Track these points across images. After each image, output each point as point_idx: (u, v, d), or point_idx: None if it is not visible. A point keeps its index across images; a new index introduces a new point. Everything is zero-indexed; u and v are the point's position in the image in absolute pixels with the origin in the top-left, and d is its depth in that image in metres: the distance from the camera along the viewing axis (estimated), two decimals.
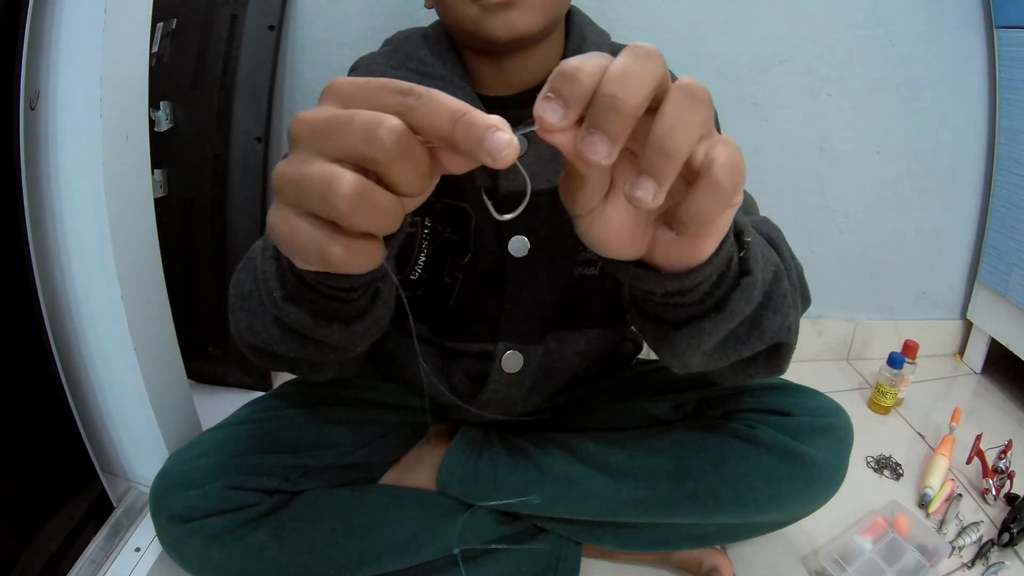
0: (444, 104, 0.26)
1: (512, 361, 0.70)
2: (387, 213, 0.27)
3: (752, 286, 0.41)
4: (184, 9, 0.99)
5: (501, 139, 0.26)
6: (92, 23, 0.60)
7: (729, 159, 0.30)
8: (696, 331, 0.42)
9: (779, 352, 0.50)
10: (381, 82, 0.28)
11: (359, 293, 0.42)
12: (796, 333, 0.51)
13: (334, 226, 0.27)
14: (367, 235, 0.28)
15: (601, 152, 0.27)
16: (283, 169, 0.28)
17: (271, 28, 0.99)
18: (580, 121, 0.28)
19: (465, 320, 0.70)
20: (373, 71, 0.66)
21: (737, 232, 0.40)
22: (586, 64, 0.27)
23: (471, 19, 0.58)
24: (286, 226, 0.28)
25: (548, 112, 0.28)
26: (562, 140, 0.29)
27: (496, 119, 0.26)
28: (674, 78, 0.30)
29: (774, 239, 0.49)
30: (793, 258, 0.53)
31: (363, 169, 0.27)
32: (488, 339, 0.69)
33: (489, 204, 0.31)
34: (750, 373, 0.52)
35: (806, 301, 0.53)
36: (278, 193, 0.28)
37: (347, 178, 0.26)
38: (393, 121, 0.26)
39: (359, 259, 0.28)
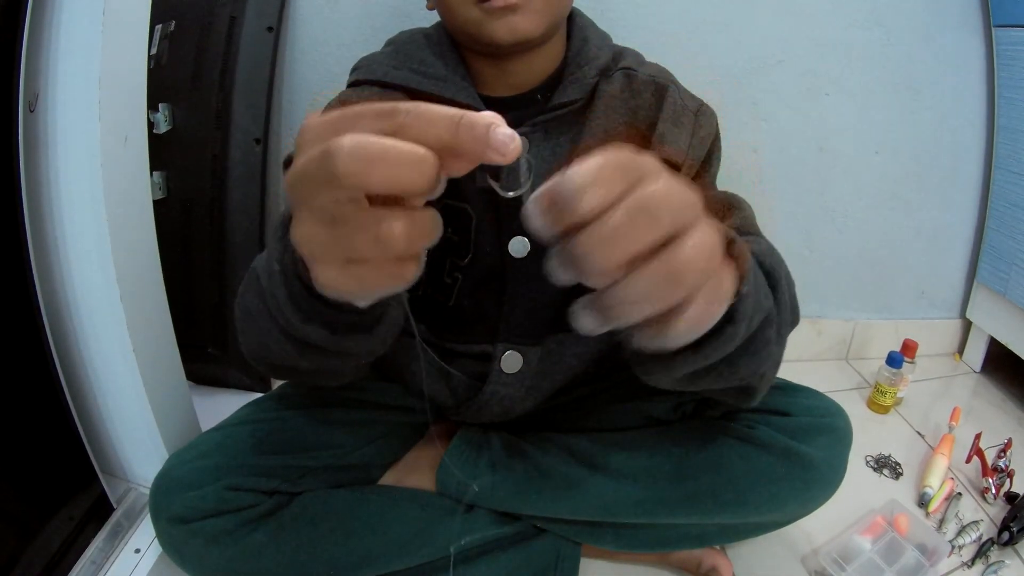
0: (437, 113, 0.26)
1: (511, 362, 0.70)
2: (433, 230, 0.28)
3: (734, 336, 0.41)
4: (183, 11, 0.99)
5: (504, 133, 0.26)
6: (91, 25, 0.60)
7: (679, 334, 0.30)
8: (667, 362, 0.42)
9: (748, 392, 0.52)
10: (357, 112, 0.27)
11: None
12: (772, 376, 0.51)
13: (385, 261, 0.28)
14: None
15: (564, 276, 0.28)
16: (315, 232, 0.28)
17: (269, 29, 0.99)
18: None
19: (464, 321, 0.70)
20: (375, 71, 0.66)
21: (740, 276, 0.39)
22: (589, 196, 0.27)
23: (474, 22, 0.58)
24: (341, 279, 0.29)
25: (535, 220, 0.28)
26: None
27: (491, 115, 0.27)
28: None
29: (773, 269, 0.48)
30: (789, 283, 0.51)
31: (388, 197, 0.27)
32: (487, 340, 0.70)
33: (495, 185, 0.31)
34: (719, 398, 0.53)
35: (795, 322, 0.53)
36: (321, 252, 0.29)
37: (396, 224, 0.26)
38: (417, 152, 0.26)
39: (409, 277, 0.29)
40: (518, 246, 0.65)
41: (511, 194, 0.31)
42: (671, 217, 0.28)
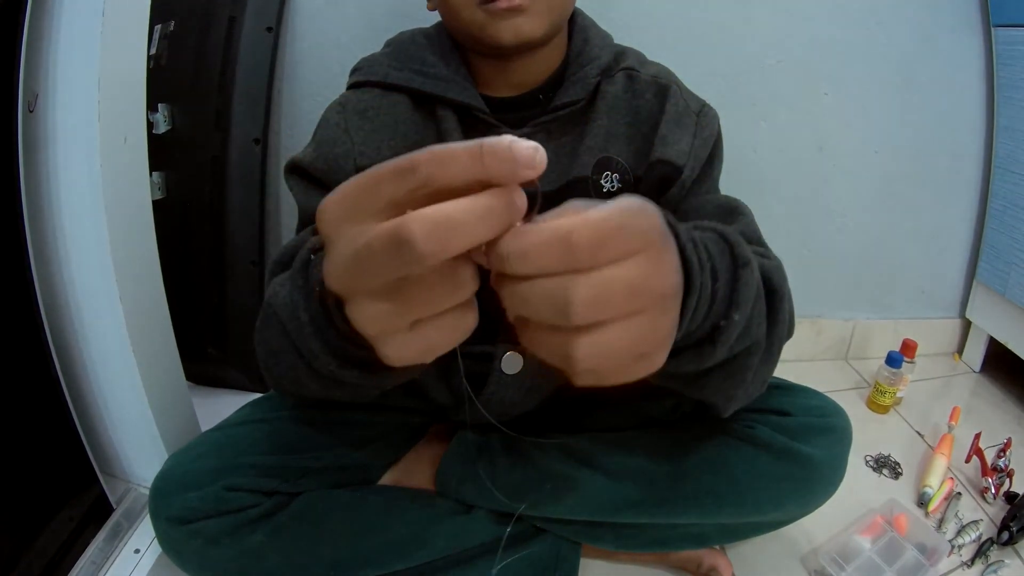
0: (457, 152, 0.25)
1: (512, 363, 0.70)
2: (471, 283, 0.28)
3: (711, 355, 0.40)
4: (182, 11, 0.99)
5: (527, 147, 0.25)
6: (90, 25, 0.60)
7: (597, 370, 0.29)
8: None
9: (714, 406, 0.52)
10: (375, 177, 0.27)
11: None
12: (744, 399, 0.51)
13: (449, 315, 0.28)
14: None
15: None
16: (379, 308, 0.28)
17: (269, 30, 0.99)
18: None
19: None
20: (375, 72, 0.66)
21: (730, 302, 0.39)
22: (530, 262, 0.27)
23: (477, 24, 0.58)
24: (408, 346, 0.29)
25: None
26: None
27: (507, 135, 0.26)
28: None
29: (779, 287, 0.47)
30: (790, 299, 0.50)
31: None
32: (488, 341, 0.70)
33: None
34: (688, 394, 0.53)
35: (790, 334, 0.52)
36: (389, 323, 0.28)
37: (469, 269, 0.27)
38: (486, 205, 0.25)
39: (471, 324, 0.30)
40: None
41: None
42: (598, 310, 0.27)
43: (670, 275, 0.29)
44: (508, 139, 0.25)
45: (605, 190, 0.64)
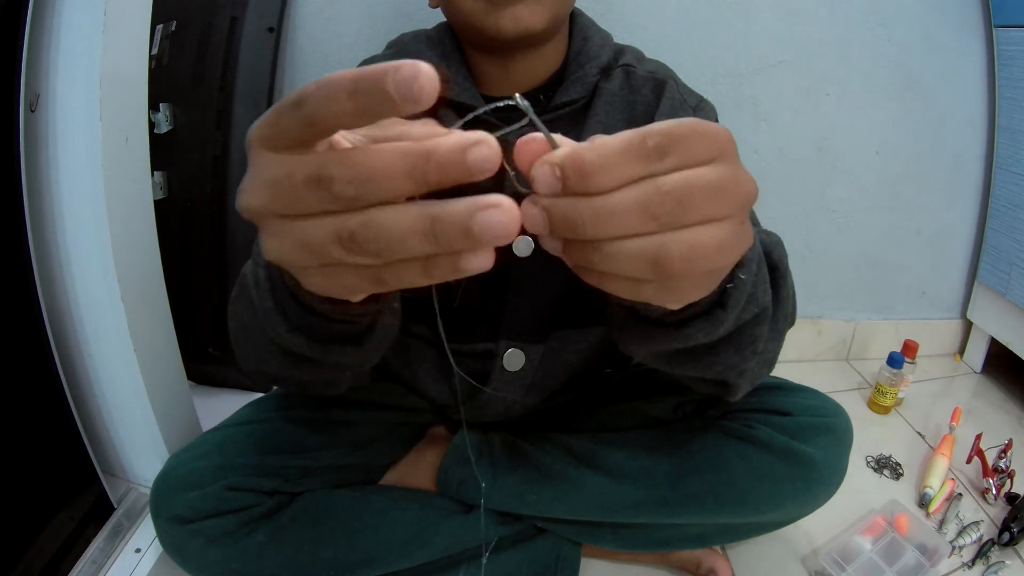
0: (338, 80, 0.23)
1: (514, 360, 0.70)
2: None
3: (722, 321, 0.39)
4: (184, 11, 0.99)
5: (405, 71, 0.22)
6: (92, 25, 0.60)
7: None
8: (647, 334, 0.41)
9: (726, 387, 0.50)
10: (279, 107, 0.25)
11: (369, 309, 0.40)
12: (758, 374, 0.50)
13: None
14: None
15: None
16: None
17: (271, 30, 0.99)
18: None
19: (467, 320, 0.70)
20: None
21: (739, 262, 0.37)
22: (603, 178, 0.25)
23: (478, 15, 0.58)
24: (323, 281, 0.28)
25: (543, 182, 0.26)
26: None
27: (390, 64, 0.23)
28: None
29: (780, 262, 0.46)
30: (791, 279, 0.49)
31: None
32: (490, 338, 0.70)
33: (511, 172, 0.29)
34: (698, 388, 0.52)
35: (792, 321, 0.51)
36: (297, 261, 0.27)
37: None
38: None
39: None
40: (522, 245, 0.65)
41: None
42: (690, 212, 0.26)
43: (749, 181, 0.28)
44: (386, 67, 0.22)
45: None
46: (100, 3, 0.60)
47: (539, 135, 0.27)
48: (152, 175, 0.73)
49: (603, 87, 0.66)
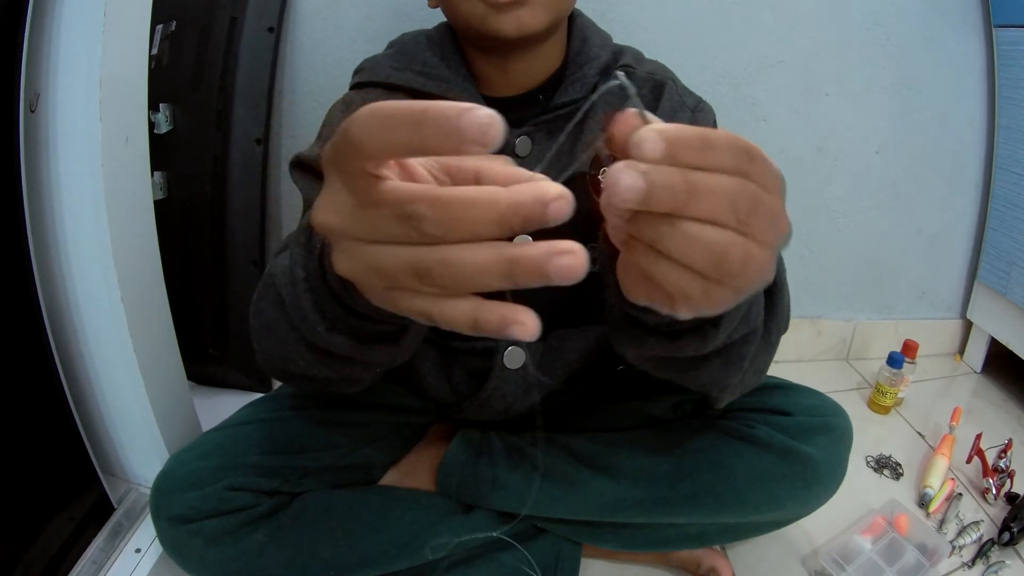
0: (395, 117, 0.23)
1: (514, 357, 0.70)
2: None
3: (711, 339, 0.40)
4: (183, 11, 0.99)
5: (480, 118, 0.22)
6: (92, 25, 0.60)
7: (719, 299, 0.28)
8: (640, 339, 0.42)
9: (708, 396, 0.52)
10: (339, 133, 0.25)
11: None
12: (741, 388, 0.51)
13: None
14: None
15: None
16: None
17: (270, 30, 0.99)
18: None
19: None
20: (378, 73, 0.66)
21: None
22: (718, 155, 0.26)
23: (478, 17, 0.58)
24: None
25: (628, 192, 0.26)
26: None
27: (464, 105, 0.23)
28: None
29: (776, 278, 0.45)
30: (787, 294, 0.49)
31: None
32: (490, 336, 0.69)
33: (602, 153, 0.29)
34: (682, 386, 0.53)
35: (785, 328, 0.51)
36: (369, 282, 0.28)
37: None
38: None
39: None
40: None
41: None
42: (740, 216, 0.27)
43: (789, 223, 0.29)
44: (458, 108, 0.22)
45: (602, 185, 0.64)
46: (100, 3, 0.60)
47: (632, 111, 0.27)
48: (152, 175, 0.73)
49: (602, 88, 0.66)
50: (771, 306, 0.46)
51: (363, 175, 0.26)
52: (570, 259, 0.24)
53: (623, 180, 0.25)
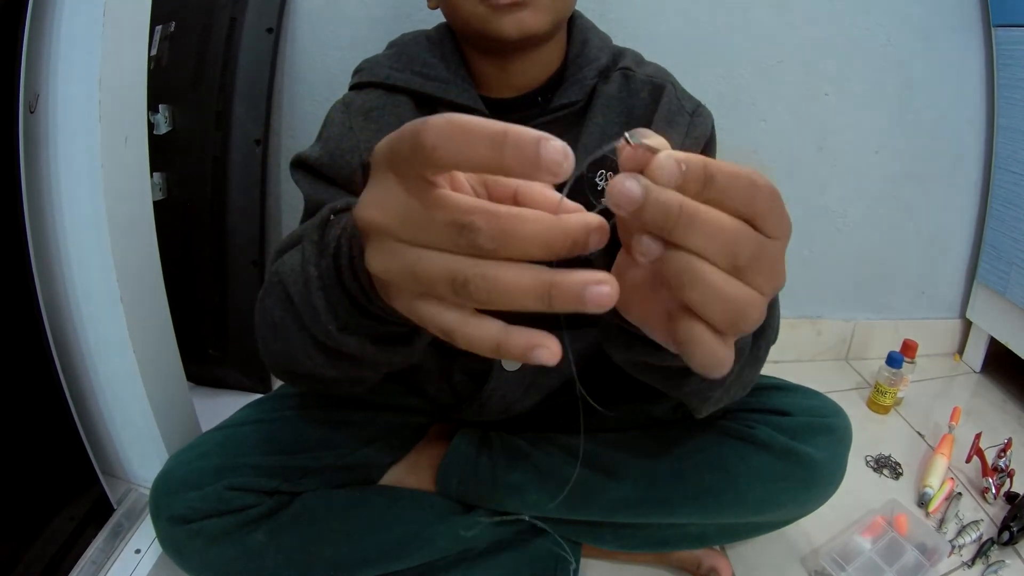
0: (476, 132, 0.24)
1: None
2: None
3: None
4: (183, 12, 0.99)
5: (556, 151, 0.23)
6: (91, 26, 0.60)
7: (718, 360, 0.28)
8: (628, 344, 0.43)
9: (688, 407, 0.53)
10: (403, 132, 0.26)
11: None
12: (715, 403, 0.52)
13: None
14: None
15: (646, 253, 0.27)
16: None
17: (270, 31, 0.99)
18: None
19: None
20: (377, 74, 0.66)
21: None
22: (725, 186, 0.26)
23: (480, 18, 0.58)
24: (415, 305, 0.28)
25: (623, 197, 0.26)
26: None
27: (537, 131, 0.24)
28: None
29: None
30: (777, 308, 0.50)
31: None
32: None
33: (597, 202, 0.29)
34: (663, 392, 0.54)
35: (774, 339, 0.51)
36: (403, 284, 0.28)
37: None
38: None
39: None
40: None
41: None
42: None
43: (784, 274, 0.30)
44: (537, 136, 0.23)
45: (600, 187, 0.64)
46: (100, 4, 0.60)
47: (650, 139, 0.27)
48: (151, 176, 0.73)
49: (601, 90, 0.66)
50: (762, 326, 0.46)
51: (421, 179, 0.26)
52: (606, 288, 0.25)
53: (624, 186, 0.25)
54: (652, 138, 0.27)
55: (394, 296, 0.30)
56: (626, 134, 0.27)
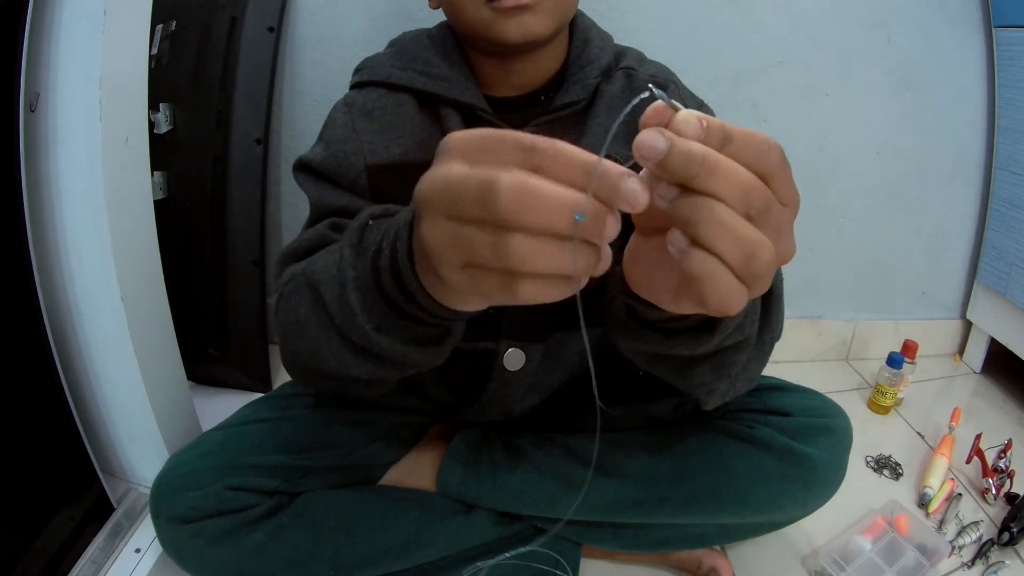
0: (575, 159, 0.28)
1: (514, 359, 0.70)
2: (554, 209, 0.28)
3: (703, 342, 0.42)
4: (183, 11, 0.99)
5: (635, 187, 0.27)
6: (92, 25, 0.60)
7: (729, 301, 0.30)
8: (637, 333, 0.44)
9: (695, 398, 0.53)
10: (501, 138, 0.29)
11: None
12: (728, 394, 0.52)
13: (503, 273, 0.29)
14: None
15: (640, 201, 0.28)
16: (447, 235, 0.30)
17: (270, 30, 0.99)
18: None
19: (468, 319, 0.70)
20: (379, 72, 0.66)
21: None
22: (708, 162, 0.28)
23: (484, 22, 0.58)
24: (462, 280, 0.31)
25: (649, 149, 0.28)
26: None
27: (624, 169, 0.28)
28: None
29: (773, 289, 0.48)
30: (782, 303, 0.51)
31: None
32: (491, 337, 0.70)
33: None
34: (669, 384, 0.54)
35: (779, 335, 0.52)
36: (448, 254, 0.30)
37: (518, 242, 0.28)
38: (573, 198, 0.27)
39: (523, 294, 0.29)
40: None
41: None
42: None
43: (793, 246, 0.33)
44: (621, 173, 0.27)
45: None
46: (100, 3, 0.60)
47: (659, 104, 0.30)
48: (152, 175, 0.73)
49: (604, 89, 0.66)
50: (767, 316, 0.47)
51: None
52: (638, 186, 0.27)
53: (649, 139, 0.28)
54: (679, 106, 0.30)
55: (448, 272, 0.31)
56: (652, 88, 0.30)
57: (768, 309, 0.47)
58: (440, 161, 0.30)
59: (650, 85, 0.30)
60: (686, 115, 0.29)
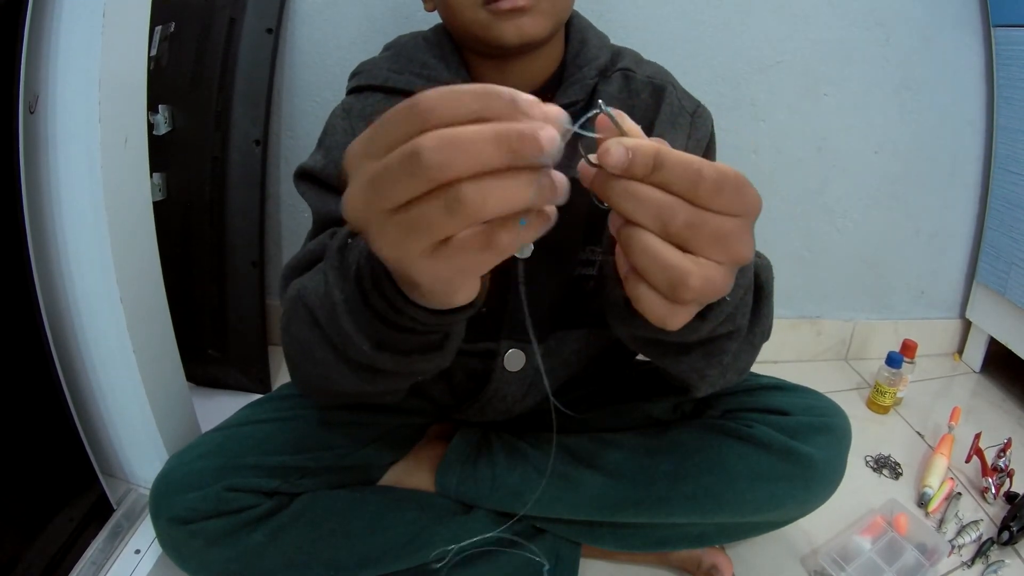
0: (462, 94, 0.27)
1: (514, 360, 0.70)
2: (510, 191, 0.27)
3: (695, 330, 0.43)
4: (182, 12, 0.99)
5: (529, 96, 0.28)
6: (91, 27, 0.60)
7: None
8: (630, 318, 0.45)
9: (688, 385, 0.54)
10: (385, 118, 0.28)
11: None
12: (718, 382, 0.54)
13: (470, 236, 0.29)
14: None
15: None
16: (398, 234, 0.29)
17: (269, 31, 0.99)
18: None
19: (469, 320, 0.70)
20: (376, 76, 0.66)
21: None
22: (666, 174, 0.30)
23: (480, 24, 0.58)
24: (436, 268, 0.30)
25: (613, 157, 0.30)
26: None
27: (509, 90, 0.28)
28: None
29: (763, 285, 0.48)
30: (771, 304, 0.51)
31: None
32: (491, 338, 0.70)
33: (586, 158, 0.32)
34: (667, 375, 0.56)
35: (766, 338, 0.53)
36: (408, 248, 0.29)
37: (464, 189, 0.27)
38: (495, 129, 0.27)
39: (504, 243, 0.29)
40: (525, 247, 0.65)
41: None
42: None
43: (751, 245, 0.33)
44: (508, 89, 0.28)
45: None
46: (99, 4, 0.60)
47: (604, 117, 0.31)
48: (151, 177, 0.73)
49: (602, 89, 0.66)
50: (756, 310, 0.48)
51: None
52: (552, 132, 0.27)
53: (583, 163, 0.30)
54: (626, 121, 0.31)
55: (424, 269, 0.31)
56: (600, 103, 0.31)
57: (758, 304, 0.48)
58: (351, 175, 0.30)
59: (600, 102, 0.31)
60: (611, 143, 0.30)
